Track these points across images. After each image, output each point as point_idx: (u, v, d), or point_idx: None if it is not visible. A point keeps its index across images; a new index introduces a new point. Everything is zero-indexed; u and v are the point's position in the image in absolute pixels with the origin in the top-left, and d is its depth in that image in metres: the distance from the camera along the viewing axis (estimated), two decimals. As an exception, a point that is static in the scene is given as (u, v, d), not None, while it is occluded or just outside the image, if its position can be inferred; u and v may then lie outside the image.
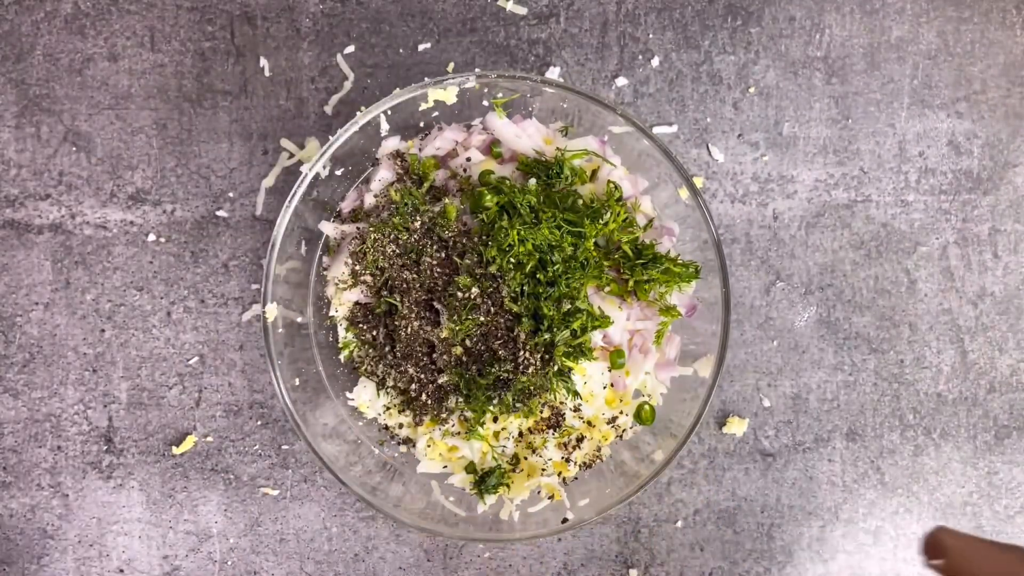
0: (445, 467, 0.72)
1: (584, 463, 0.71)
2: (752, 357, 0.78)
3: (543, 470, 0.70)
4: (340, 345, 0.72)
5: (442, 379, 0.66)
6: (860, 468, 0.78)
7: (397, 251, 0.67)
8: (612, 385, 0.69)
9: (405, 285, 0.67)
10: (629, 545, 0.78)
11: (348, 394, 0.72)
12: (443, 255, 0.67)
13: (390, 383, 0.70)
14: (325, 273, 0.73)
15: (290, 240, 0.69)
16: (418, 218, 0.67)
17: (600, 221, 0.67)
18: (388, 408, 0.71)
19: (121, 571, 0.76)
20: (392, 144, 0.71)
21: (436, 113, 0.71)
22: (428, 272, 0.66)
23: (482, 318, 0.65)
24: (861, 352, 0.78)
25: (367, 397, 0.71)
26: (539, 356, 0.65)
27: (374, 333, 0.69)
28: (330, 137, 0.71)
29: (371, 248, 0.67)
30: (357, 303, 0.70)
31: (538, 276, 0.65)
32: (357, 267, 0.68)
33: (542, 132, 0.71)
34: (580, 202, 0.68)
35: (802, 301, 0.78)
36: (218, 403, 0.77)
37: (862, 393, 0.79)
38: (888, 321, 0.79)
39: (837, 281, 0.79)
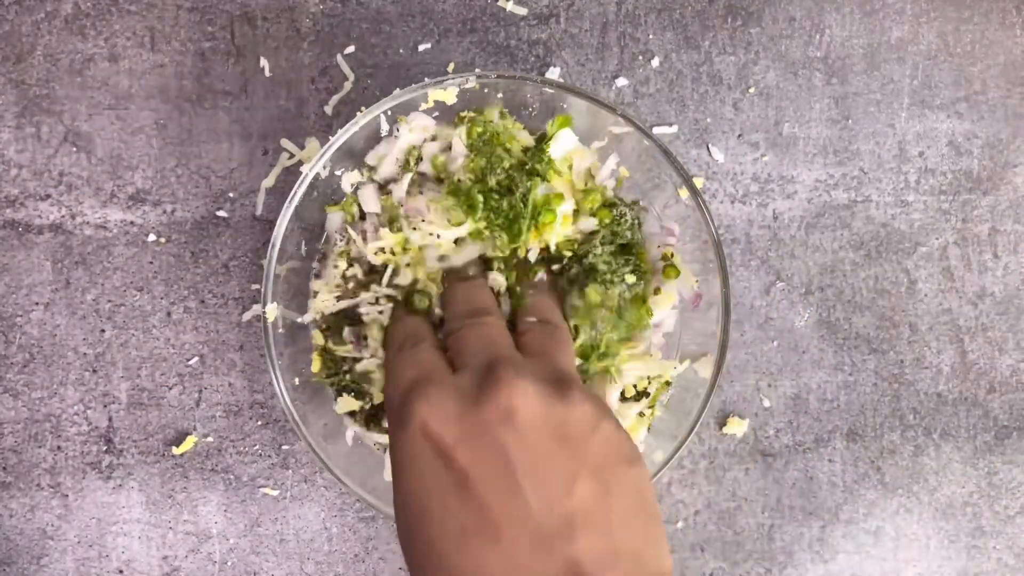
0: (445, 467, 0.71)
1: (584, 463, 0.71)
2: (752, 357, 0.78)
3: (543, 470, 0.69)
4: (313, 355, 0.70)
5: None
6: (860, 468, 0.78)
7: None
8: (612, 385, 0.69)
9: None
10: (629, 545, 0.77)
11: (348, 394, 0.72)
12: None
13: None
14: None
15: (290, 240, 0.69)
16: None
17: (600, 221, 0.67)
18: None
19: (121, 571, 0.76)
20: (392, 144, 0.71)
21: (436, 113, 0.71)
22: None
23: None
24: (861, 352, 0.78)
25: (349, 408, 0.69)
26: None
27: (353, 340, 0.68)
28: (330, 137, 0.71)
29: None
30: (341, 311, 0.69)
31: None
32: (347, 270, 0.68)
33: (542, 132, 0.71)
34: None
35: (802, 301, 0.78)
36: (218, 403, 0.77)
37: (862, 393, 0.79)
38: (888, 321, 0.79)
39: (837, 281, 0.79)
